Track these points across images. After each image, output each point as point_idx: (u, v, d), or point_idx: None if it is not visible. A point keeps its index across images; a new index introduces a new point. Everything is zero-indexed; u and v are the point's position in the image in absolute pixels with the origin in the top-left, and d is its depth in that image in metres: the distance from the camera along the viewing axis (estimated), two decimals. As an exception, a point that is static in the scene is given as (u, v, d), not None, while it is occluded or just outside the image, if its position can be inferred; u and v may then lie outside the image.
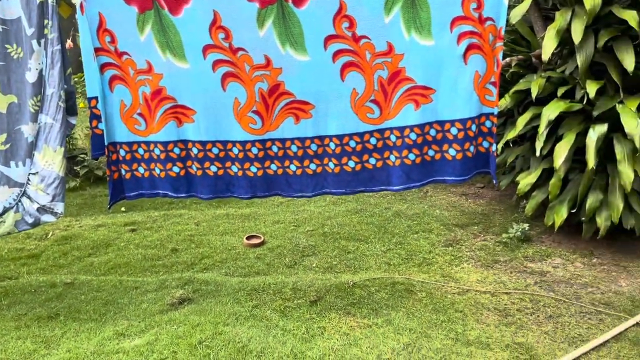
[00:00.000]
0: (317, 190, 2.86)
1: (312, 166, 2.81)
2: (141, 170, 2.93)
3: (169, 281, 3.95)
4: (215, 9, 2.61)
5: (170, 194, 2.97)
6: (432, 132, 2.84)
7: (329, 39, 2.59)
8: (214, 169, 2.90)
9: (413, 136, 2.82)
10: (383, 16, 2.55)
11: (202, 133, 2.85)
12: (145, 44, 2.68)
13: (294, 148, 2.77)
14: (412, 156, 2.88)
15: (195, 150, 2.85)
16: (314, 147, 2.80)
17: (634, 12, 3.70)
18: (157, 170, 2.92)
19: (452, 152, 2.86)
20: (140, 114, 2.85)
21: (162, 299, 3.68)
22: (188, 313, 3.45)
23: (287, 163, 2.81)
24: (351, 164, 2.84)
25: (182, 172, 2.92)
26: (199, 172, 2.89)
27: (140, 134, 2.88)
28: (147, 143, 2.91)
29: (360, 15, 2.55)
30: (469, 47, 2.63)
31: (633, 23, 3.64)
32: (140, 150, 2.88)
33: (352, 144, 2.83)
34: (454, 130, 2.81)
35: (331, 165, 2.84)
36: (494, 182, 3.00)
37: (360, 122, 2.82)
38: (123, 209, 5.71)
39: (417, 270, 4.06)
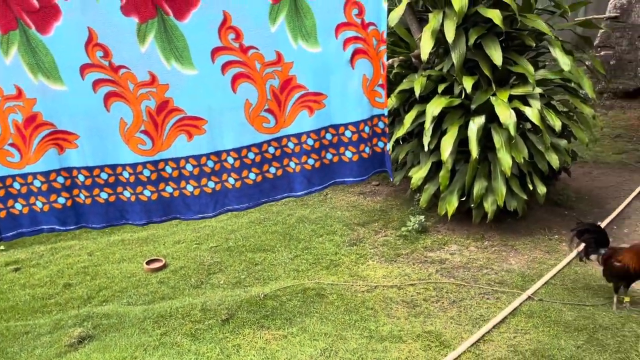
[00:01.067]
0: (218, 209, 2.77)
1: (211, 184, 2.72)
2: (18, 206, 2.65)
3: (65, 320, 3.64)
4: (90, 26, 2.43)
5: (57, 227, 2.73)
6: (328, 136, 2.87)
7: (216, 51, 2.52)
8: (104, 195, 2.70)
9: (310, 142, 2.83)
10: (269, 26, 2.54)
11: (88, 158, 2.64)
12: (12, 67, 2.43)
13: (189, 167, 2.66)
14: (311, 161, 2.88)
15: (81, 178, 2.64)
16: (210, 164, 2.71)
17: (497, 11, 4.02)
18: (39, 204, 2.67)
19: (348, 154, 2.91)
20: (12, 145, 2.58)
21: (58, 340, 3.38)
22: (90, 352, 3.20)
23: (183, 184, 2.69)
24: (252, 176, 2.79)
25: (69, 203, 2.69)
26: (88, 201, 2.68)
27: (14, 166, 2.60)
28: (24, 175, 2.65)
29: (246, 26, 2.50)
30: (355, 52, 2.69)
31: (497, 21, 3.95)
32: (16, 185, 2.61)
33: (251, 155, 2.78)
34: (348, 133, 2.86)
35: (231, 180, 2.77)
36: (391, 179, 3.10)
37: (257, 132, 2.77)
38: (2, 247, 5.18)
39: (326, 273, 4.10)
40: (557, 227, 4.68)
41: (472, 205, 4.44)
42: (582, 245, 3.54)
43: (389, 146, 3.02)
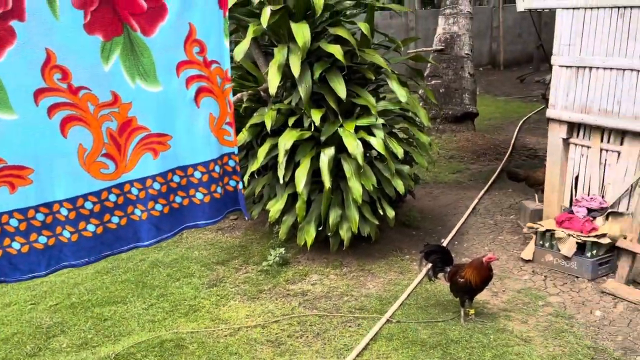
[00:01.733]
0: (52, 267, 2.46)
1: (42, 239, 2.40)
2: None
3: None
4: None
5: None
6: (176, 178, 2.72)
7: (39, 92, 2.26)
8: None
9: (157, 186, 2.65)
10: (102, 65, 2.34)
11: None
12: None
13: (13, 223, 2.33)
14: (159, 207, 2.70)
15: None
16: (40, 216, 2.40)
17: (338, 47, 4.20)
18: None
19: (199, 195, 2.78)
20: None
21: None
22: None
23: (7, 242, 2.34)
24: (90, 227, 2.52)
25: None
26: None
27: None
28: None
29: (74, 65, 2.28)
30: (199, 91, 2.59)
31: (339, 56, 4.12)
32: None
33: (89, 205, 2.51)
34: (197, 174, 2.74)
35: (66, 234, 2.47)
36: (246, 217, 3.02)
37: (94, 179, 2.53)
38: None
39: (185, 321, 3.86)
40: (407, 247, 4.96)
41: (329, 233, 4.52)
42: (430, 265, 3.77)
43: (243, 184, 2.95)
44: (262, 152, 4.41)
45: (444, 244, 4.93)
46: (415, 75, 5.47)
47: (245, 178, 4.60)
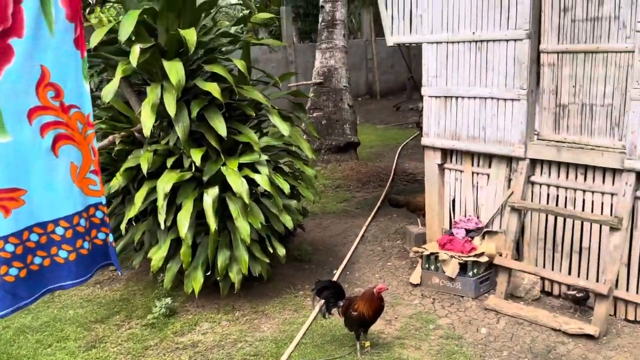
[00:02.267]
0: None
1: None
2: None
3: None
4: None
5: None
6: (34, 237, 2.41)
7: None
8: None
9: (10, 248, 2.32)
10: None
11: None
12: None
13: None
14: (13, 271, 2.37)
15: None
16: None
17: (215, 84, 4.08)
18: None
19: (63, 254, 2.49)
20: None
21: None
22: None
23: None
24: None
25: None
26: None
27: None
28: None
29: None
30: (57, 138, 2.33)
31: (216, 94, 4.01)
32: None
33: None
34: (60, 230, 2.45)
35: None
36: (119, 272, 2.76)
37: None
38: None
39: (58, 394, 3.42)
40: (300, 282, 4.88)
41: (218, 277, 4.31)
42: (323, 302, 3.72)
43: (112, 237, 2.69)
44: (140, 196, 4.12)
45: (336, 275, 4.92)
46: (297, 109, 5.50)
47: (123, 225, 4.26)
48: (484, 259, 4.49)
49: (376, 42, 17.66)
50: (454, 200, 5.00)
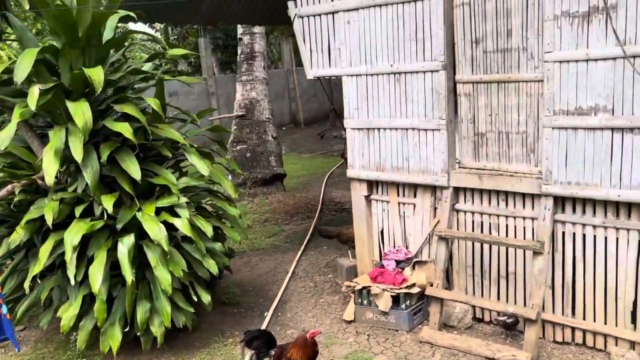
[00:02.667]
0: None
1: None
2: None
3: None
4: None
5: None
6: None
7: None
8: None
9: None
10: None
11: None
12: None
13: None
14: None
15: None
16: None
17: (126, 124, 3.82)
18: None
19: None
20: None
21: None
22: None
23: None
24: None
25: None
26: None
27: None
28: None
29: None
30: None
31: (128, 134, 3.75)
32: None
33: None
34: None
35: None
36: (17, 349, 2.41)
37: None
38: None
39: None
40: (229, 329, 4.61)
41: (139, 332, 3.97)
42: (253, 352, 3.50)
43: (7, 309, 2.37)
44: (45, 251, 3.74)
45: (267, 318, 4.70)
46: (217, 145, 5.30)
47: (27, 283, 3.84)
48: (415, 290, 4.45)
49: (297, 71, 17.81)
50: (382, 231, 4.96)
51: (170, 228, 3.98)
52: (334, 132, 15.48)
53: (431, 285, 4.39)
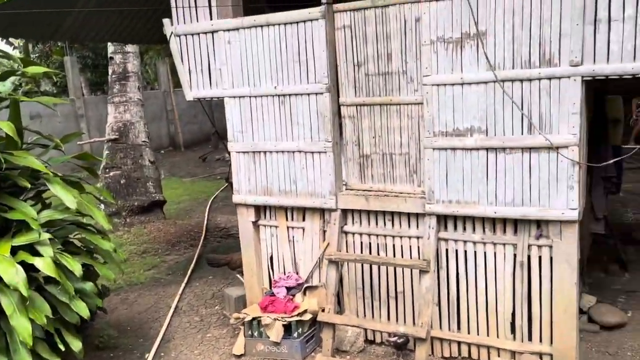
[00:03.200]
0: None
1: None
2: None
3: None
4: None
5: None
6: None
7: None
8: None
9: None
10: None
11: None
12: None
13: None
14: None
15: None
16: None
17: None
18: None
19: None
20: None
21: None
22: None
23: None
24: None
25: None
26: None
27: None
28: None
29: None
30: None
31: None
32: None
33: None
34: None
35: None
36: None
37: None
38: None
39: None
40: (105, 377, 4.14)
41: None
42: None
43: None
44: None
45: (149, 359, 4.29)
46: (87, 172, 4.80)
47: None
48: (307, 316, 4.32)
49: (175, 92, 17.20)
50: (272, 258, 4.79)
51: (31, 269, 3.48)
52: (216, 154, 15.09)
53: (323, 310, 4.29)
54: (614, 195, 5.39)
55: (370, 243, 4.32)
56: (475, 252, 3.94)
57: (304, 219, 4.58)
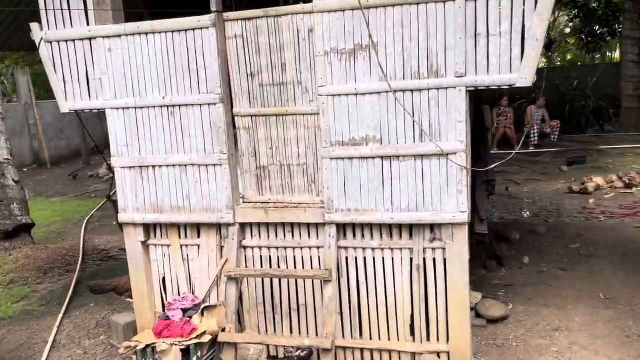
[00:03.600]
0: None
1: None
2: None
3: None
4: None
5: None
6: None
7: None
8: None
9: None
10: None
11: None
12: None
13: None
14: None
15: None
16: None
17: None
18: None
19: None
20: None
21: None
22: None
23: None
24: None
25: None
26: None
27: None
28: None
29: None
30: None
31: None
32: None
33: None
34: None
35: None
36: None
37: None
38: None
39: None
40: None
41: None
42: None
43: None
44: None
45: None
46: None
47: None
48: (206, 338, 4.10)
49: (39, 105, 15.74)
50: (164, 279, 4.50)
51: None
52: (88, 171, 14.02)
53: (223, 330, 4.11)
54: (491, 196, 5.83)
55: (270, 256, 4.23)
56: (374, 258, 4.02)
57: (199, 236, 4.37)
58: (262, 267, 4.24)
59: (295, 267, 4.17)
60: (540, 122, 12.45)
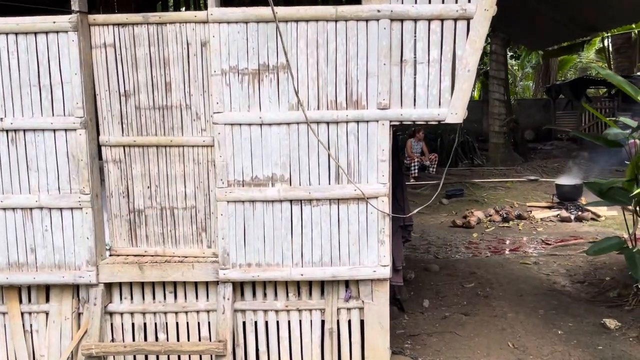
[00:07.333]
0: None
1: None
2: None
3: None
4: None
5: None
6: None
7: None
8: None
9: None
10: None
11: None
12: None
13: None
14: None
15: None
16: None
17: None
18: None
19: None
20: None
21: None
22: None
23: None
24: None
25: None
26: None
27: None
28: None
29: None
30: None
31: None
32: None
33: None
34: None
35: None
36: None
37: None
38: None
39: None
40: None
41: None
42: None
43: None
44: None
45: None
46: None
47: None
48: None
49: None
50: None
51: None
52: None
53: None
54: (406, 242, 5.45)
55: (145, 324, 3.33)
56: (278, 322, 3.33)
57: (47, 300, 3.33)
58: (134, 339, 3.31)
59: (178, 339, 3.31)
60: (419, 155, 12.70)
